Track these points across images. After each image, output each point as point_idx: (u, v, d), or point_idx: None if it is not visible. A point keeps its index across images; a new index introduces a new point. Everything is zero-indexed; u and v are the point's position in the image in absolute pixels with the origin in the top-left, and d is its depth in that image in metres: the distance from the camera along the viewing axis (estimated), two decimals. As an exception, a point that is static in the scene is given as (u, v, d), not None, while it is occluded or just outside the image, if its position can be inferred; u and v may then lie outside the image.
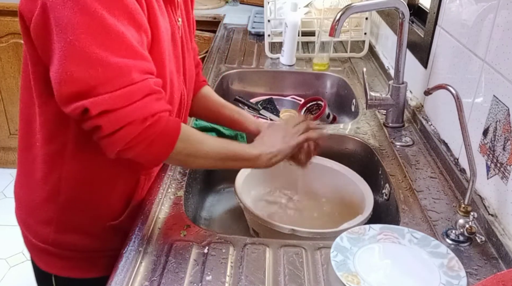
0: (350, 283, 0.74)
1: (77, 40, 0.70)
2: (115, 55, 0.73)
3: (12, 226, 1.19)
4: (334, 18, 1.10)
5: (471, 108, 0.98)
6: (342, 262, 0.78)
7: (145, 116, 0.76)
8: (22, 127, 0.91)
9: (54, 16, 0.71)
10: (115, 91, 0.73)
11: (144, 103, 0.76)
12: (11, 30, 2.44)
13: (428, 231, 0.88)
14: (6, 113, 2.65)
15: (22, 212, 0.98)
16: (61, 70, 0.72)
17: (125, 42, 0.74)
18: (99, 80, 0.72)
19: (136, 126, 0.76)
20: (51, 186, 0.89)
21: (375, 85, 1.57)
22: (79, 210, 0.91)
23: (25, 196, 0.95)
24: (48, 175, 0.89)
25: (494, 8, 0.91)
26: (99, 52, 0.71)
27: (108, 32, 0.72)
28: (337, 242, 0.82)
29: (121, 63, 0.73)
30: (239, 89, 1.68)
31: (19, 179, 0.97)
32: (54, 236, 0.92)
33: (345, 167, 1.13)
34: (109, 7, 0.72)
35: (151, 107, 0.77)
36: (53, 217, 0.91)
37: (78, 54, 0.71)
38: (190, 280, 0.75)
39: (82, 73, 0.71)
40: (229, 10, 2.56)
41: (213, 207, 1.21)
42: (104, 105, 0.73)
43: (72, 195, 0.90)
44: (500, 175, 0.86)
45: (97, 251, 0.96)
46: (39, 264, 0.97)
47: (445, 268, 0.78)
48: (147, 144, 0.78)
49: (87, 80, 0.72)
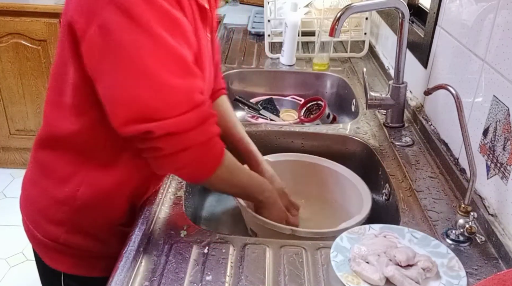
0: (350, 283, 0.74)
1: (142, 62, 0.70)
2: (178, 78, 0.74)
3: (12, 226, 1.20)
4: (334, 18, 1.10)
5: (471, 108, 0.98)
6: (342, 262, 0.78)
7: (205, 140, 0.79)
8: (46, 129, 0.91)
9: (116, 37, 0.70)
10: (181, 115, 0.74)
11: (205, 128, 0.79)
12: (11, 30, 2.44)
13: (428, 231, 0.88)
14: (6, 113, 2.65)
15: (31, 209, 0.97)
16: (123, 92, 0.72)
17: (186, 64, 0.75)
18: (163, 103, 0.73)
19: (196, 150, 0.79)
20: (70, 190, 0.89)
21: (375, 85, 1.57)
22: (91, 215, 0.91)
23: (38, 194, 0.94)
24: (68, 178, 0.89)
25: (494, 8, 0.91)
26: (163, 74, 0.72)
27: (172, 55, 0.73)
28: (337, 242, 0.82)
29: (184, 85, 0.74)
30: (239, 89, 1.68)
31: (32, 176, 0.96)
32: (65, 236, 0.92)
33: (343, 167, 1.13)
34: (169, 29, 0.72)
35: (210, 132, 0.80)
36: (66, 218, 0.91)
37: (143, 76, 0.71)
38: (190, 280, 0.75)
39: (147, 95, 0.72)
40: (229, 10, 2.56)
41: (213, 207, 1.20)
42: (169, 129, 0.74)
43: (88, 201, 0.89)
44: (500, 175, 0.86)
45: (102, 252, 0.96)
46: (47, 261, 0.97)
47: (445, 268, 0.78)
48: (197, 166, 0.81)
49: (152, 103, 0.72)
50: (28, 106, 2.63)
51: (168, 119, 0.74)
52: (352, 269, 0.76)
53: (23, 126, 2.68)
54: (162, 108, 0.73)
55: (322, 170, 1.15)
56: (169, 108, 0.74)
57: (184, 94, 0.75)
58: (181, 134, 0.76)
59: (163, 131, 0.74)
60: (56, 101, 0.86)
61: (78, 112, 0.84)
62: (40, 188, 0.94)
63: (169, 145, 0.76)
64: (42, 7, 2.37)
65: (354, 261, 0.77)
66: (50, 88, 0.87)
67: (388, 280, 0.75)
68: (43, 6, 2.37)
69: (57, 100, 0.86)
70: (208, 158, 0.82)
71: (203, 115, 0.78)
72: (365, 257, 0.78)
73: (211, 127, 0.81)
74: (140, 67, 0.71)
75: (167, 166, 0.81)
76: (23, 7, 2.38)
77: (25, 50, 2.48)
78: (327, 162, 1.15)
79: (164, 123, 0.74)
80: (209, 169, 0.83)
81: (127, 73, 0.71)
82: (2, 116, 2.65)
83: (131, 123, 0.74)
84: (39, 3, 2.39)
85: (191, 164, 0.80)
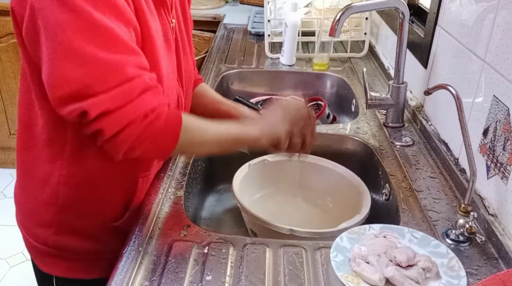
0: (350, 283, 0.74)
1: (67, 39, 0.69)
2: (106, 51, 0.71)
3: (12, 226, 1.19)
4: (334, 18, 1.10)
5: (471, 108, 0.98)
6: (342, 262, 0.78)
7: (146, 113, 0.75)
8: (21, 129, 0.90)
9: (42, 17, 0.70)
10: (111, 89, 0.72)
11: (142, 100, 0.75)
12: (11, 30, 2.44)
13: (428, 231, 0.88)
14: (6, 113, 2.65)
15: (22, 214, 0.97)
16: (53, 72, 0.71)
17: (115, 38, 0.72)
18: (93, 78, 0.71)
19: (138, 125, 0.75)
20: (51, 188, 0.89)
21: (375, 85, 1.57)
22: (78, 212, 0.91)
23: (24, 198, 0.95)
24: (47, 177, 0.89)
25: (494, 8, 0.91)
26: (89, 49, 0.70)
27: (97, 28, 0.70)
28: (337, 242, 0.82)
29: (113, 59, 0.72)
30: (239, 89, 1.68)
31: (19, 182, 0.97)
32: (53, 238, 0.92)
33: (342, 166, 1.13)
34: (95, 4, 0.70)
35: (150, 103, 0.76)
36: (52, 219, 0.91)
37: (69, 53, 0.70)
38: (190, 280, 0.75)
39: (75, 72, 0.70)
40: (229, 10, 2.56)
41: (213, 207, 1.20)
42: (102, 107, 0.72)
43: (71, 197, 0.89)
44: (500, 175, 0.86)
45: (97, 253, 0.95)
46: (40, 266, 0.97)
47: (445, 268, 0.78)
48: (151, 140, 0.77)
49: (81, 79, 0.70)
50: (28, 106, 2.63)
51: (98, 95, 0.71)
52: (352, 269, 0.76)
53: (23, 126, 2.69)
54: (91, 83, 0.71)
55: (322, 170, 1.15)
56: (97, 83, 0.71)
57: (112, 67, 0.72)
58: (116, 111, 0.73)
59: (97, 110, 0.72)
60: (25, 99, 0.86)
61: (41, 105, 0.83)
62: (26, 192, 0.94)
63: (108, 125, 0.73)
64: (42, 7, 2.37)
65: (354, 261, 0.77)
66: (20, 87, 0.88)
67: (388, 280, 0.75)
68: (43, 6, 2.37)
69: (25, 97, 0.86)
70: (161, 130, 0.78)
71: (137, 88, 0.75)
72: (365, 257, 0.78)
73: (151, 98, 0.76)
74: (65, 43, 0.69)
75: (116, 148, 0.77)
76: (23, 7, 2.38)
77: (25, 50, 2.49)
78: (326, 162, 1.15)
79: (96, 100, 0.71)
80: (169, 140, 0.80)
81: (56, 51, 0.70)
82: (2, 116, 2.66)
83: (66, 103, 0.72)
84: (39, 3, 2.39)
85: (142, 140, 0.76)
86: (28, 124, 0.88)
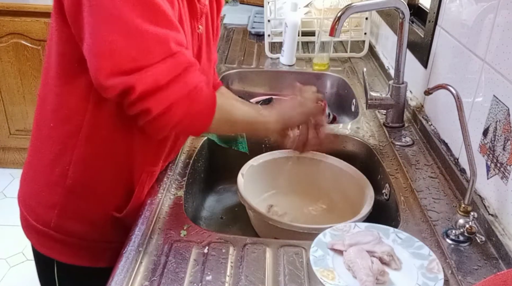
0: (325, 278, 0.74)
1: (116, 9, 0.70)
2: (153, 25, 0.72)
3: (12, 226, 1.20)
4: (334, 18, 1.10)
5: (471, 108, 0.98)
6: (320, 258, 0.78)
7: (189, 91, 0.77)
8: (38, 107, 0.91)
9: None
10: (156, 64, 0.73)
11: (186, 77, 0.77)
12: (11, 30, 2.44)
13: (428, 231, 0.88)
14: (6, 113, 2.65)
15: (26, 193, 0.97)
16: (100, 41, 0.71)
17: (161, 11, 0.73)
18: (137, 50, 0.71)
19: (183, 103, 0.77)
20: (60, 169, 0.89)
21: (375, 85, 1.57)
22: (84, 196, 0.91)
23: (32, 177, 0.95)
24: (58, 157, 0.89)
25: (494, 8, 0.91)
26: (138, 21, 0.71)
27: (145, 2, 0.71)
28: (320, 238, 0.82)
29: (158, 33, 0.73)
30: (239, 89, 1.68)
31: (29, 159, 0.97)
32: (56, 220, 0.92)
33: (347, 164, 1.13)
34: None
35: (193, 81, 0.78)
36: (58, 200, 0.91)
37: (117, 23, 0.70)
38: (190, 280, 0.75)
39: (122, 43, 0.71)
40: (229, 10, 2.56)
41: (213, 207, 1.20)
42: (148, 83, 0.72)
43: (79, 180, 0.90)
44: (500, 175, 0.86)
45: (97, 241, 0.96)
46: (40, 249, 0.97)
47: (424, 270, 0.77)
48: (191, 118, 0.80)
49: (126, 50, 0.71)
50: (28, 106, 2.62)
51: (144, 69, 0.72)
52: None
53: (23, 126, 2.68)
54: (136, 56, 0.72)
55: (325, 167, 1.14)
56: (142, 55, 0.72)
57: (158, 41, 0.73)
58: (163, 89, 0.74)
59: (143, 86, 0.72)
60: (44, 79, 0.87)
61: (61, 82, 0.84)
62: (34, 170, 0.94)
63: (154, 104, 0.75)
64: (42, 7, 2.37)
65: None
66: (43, 71, 0.88)
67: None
68: (43, 6, 2.37)
69: (45, 77, 0.87)
70: (201, 108, 0.80)
71: (180, 64, 0.76)
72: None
73: (193, 75, 0.79)
74: (113, 13, 0.70)
75: (163, 127, 0.79)
76: (23, 7, 2.38)
77: (25, 50, 2.49)
78: (330, 158, 1.15)
79: (142, 75, 0.72)
80: (205, 118, 0.82)
81: (101, 21, 0.70)
82: (2, 116, 2.65)
83: (109, 76, 0.72)
84: (39, 3, 2.39)
85: (185, 117, 0.79)
86: (42, 102, 0.88)
